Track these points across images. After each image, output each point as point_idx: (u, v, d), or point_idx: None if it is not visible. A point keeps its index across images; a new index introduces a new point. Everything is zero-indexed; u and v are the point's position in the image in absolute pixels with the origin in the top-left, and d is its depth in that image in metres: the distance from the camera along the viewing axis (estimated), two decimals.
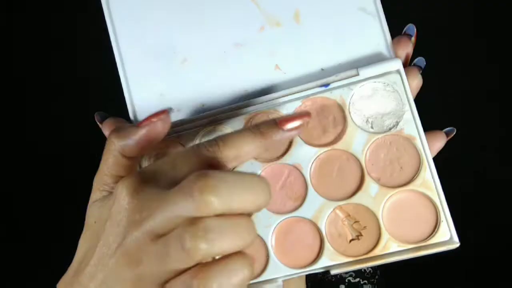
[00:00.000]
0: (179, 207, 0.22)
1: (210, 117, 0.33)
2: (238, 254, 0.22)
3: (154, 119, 0.27)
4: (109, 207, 0.25)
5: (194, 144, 0.26)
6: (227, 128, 0.33)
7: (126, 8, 0.35)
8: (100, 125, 0.34)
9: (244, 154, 0.26)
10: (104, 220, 0.25)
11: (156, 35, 0.35)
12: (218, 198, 0.21)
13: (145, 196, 0.23)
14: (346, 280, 0.52)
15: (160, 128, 0.28)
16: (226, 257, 0.22)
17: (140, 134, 0.27)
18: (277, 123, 0.28)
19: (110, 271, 0.24)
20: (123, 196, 0.24)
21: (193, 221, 0.22)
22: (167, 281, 0.23)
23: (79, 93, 0.61)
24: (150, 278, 0.23)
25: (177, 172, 0.24)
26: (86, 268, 0.25)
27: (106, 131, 0.34)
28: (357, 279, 0.52)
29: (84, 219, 0.28)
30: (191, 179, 0.22)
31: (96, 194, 0.28)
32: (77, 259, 0.27)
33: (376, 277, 0.53)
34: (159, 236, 0.23)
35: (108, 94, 0.43)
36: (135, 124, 0.28)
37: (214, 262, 0.22)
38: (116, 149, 0.27)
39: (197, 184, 0.22)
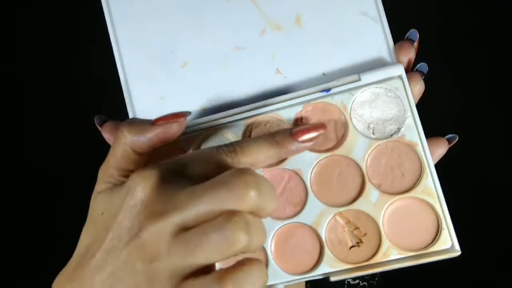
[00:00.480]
0: (219, 199, 0.22)
1: (210, 121, 0.33)
2: (257, 260, 0.23)
3: (171, 120, 0.27)
4: (121, 198, 0.25)
5: (213, 147, 0.26)
6: (228, 132, 0.33)
7: (126, 11, 0.35)
8: (99, 128, 0.34)
9: (259, 162, 0.27)
10: (113, 212, 0.25)
11: (156, 38, 0.35)
12: (257, 195, 0.22)
13: (168, 188, 0.23)
14: (346, 282, 0.52)
15: (175, 129, 0.27)
16: (247, 263, 0.22)
17: (155, 132, 0.27)
18: (293, 133, 0.29)
19: (120, 264, 0.23)
20: (140, 188, 0.24)
21: (235, 214, 0.22)
22: (183, 279, 0.22)
23: (79, 95, 0.60)
24: (166, 273, 0.22)
25: (195, 171, 0.25)
26: (92, 260, 0.24)
27: (105, 134, 0.34)
28: (357, 281, 0.52)
29: (83, 220, 0.28)
30: (234, 173, 0.22)
31: (101, 185, 0.27)
32: (79, 252, 0.26)
33: (376, 279, 0.53)
34: (184, 229, 0.22)
35: (108, 97, 0.43)
36: (150, 121, 0.27)
37: (237, 267, 0.22)
38: (126, 142, 0.27)
39: (242, 178, 0.22)
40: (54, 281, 0.26)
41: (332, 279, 0.31)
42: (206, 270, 0.23)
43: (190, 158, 0.25)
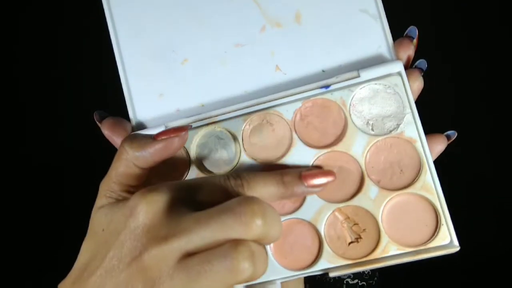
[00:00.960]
0: (225, 227, 0.22)
1: (209, 117, 0.33)
2: None
3: (172, 135, 0.27)
4: (123, 217, 0.25)
5: (220, 176, 0.26)
6: (227, 130, 0.33)
7: (126, 7, 0.35)
8: (99, 124, 0.34)
9: (263, 199, 0.27)
10: (115, 230, 0.25)
11: (156, 35, 0.35)
12: (264, 223, 0.22)
13: (172, 214, 0.23)
14: (345, 282, 0.52)
15: (177, 144, 0.28)
16: None
17: (156, 148, 0.27)
18: (301, 176, 0.29)
19: (120, 285, 0.23)
20: (144, 212, 0.24)
21: (240, 243, 0.22)
22: None
23: (78, 92, 0.60)
24: None
25: (200, 198, 0.25)
26: (91, 277, 0.24)
27: (105, 130, 0.34)
28: (356, 280, 0.52)
29: (84, 223, 0.28)
30: (241, 201, 0.23)
31: (102, 200, 0.27)
32: (79, 266, 0.26)
33: (375, 278, 0.53)
34: (188, 255, 0.22)
35: (108, 94, 0.43)
36: (151, 135, 0.28)
37: None
38: (128, 158, 0.27)
39: (249, 206, 0.22)
40: None
41: (331, 274, 0.31)
42: None
43: (196, 184, 0.26)
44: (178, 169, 0.33)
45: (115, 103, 0.36)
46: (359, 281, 0.52)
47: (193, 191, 0.25)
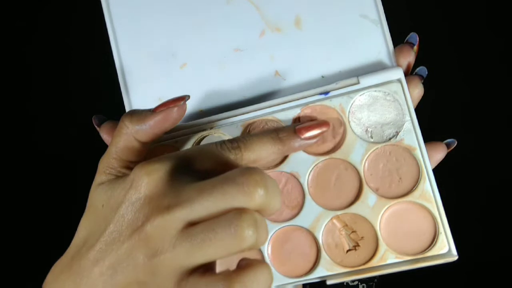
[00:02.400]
0: (228, 196, 0.22)
1: (208, 123, 0.33)
2: (264, 263, 0.23)
3: (171, 105, 0.27)
4: (123, 191, 0.25)
5: (216, 142, 0.26)
6: (225, 135, 0.33)
7: (126, 11, 0.35)
8: (97, 129, 0.34)
9: (262, 158, 0.28)
10: (115, 204, 0.25)
11: (156, 39, 0.35)
12: (265, 193, 0.22)
13: (173, 183, 0.23)
14: (345, 283, 0.52)
15: (176, 114, 0.28)
16: (254, 265, 0.22)
17: (156, 119, 0.27)
18: (296, 130, 0.29)
19: (121, 257, 0.23)
20: (145, 182, 0.23)
21: (244, 211, 0.22)
22: (187, 274, 0.22)
23: (77, 95, 0.60)
24: (169, 267, 0.22)
25: (199, 166, 0.25)
26: (90, 251, 0.24)
27: (104, 135, 0.34)
28: (356, 282, 0.52)
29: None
30: (244, 171, 0.22)
31: (101, 177, 0.27)
32: (77, 242, 0.26)
33: (375, 280, 0.53)
34: (190, 224, 0.22)
35: (107, 98, 0.42)
36: (150, 109, 0.28)
37: (245, 269, 0.22)
38: (129, 132, 0.27)
39: (252, 177, 0.22)
40: (49, 271, 0.26)
41: (329, 282, 0.31)
42: (209, 266, 0.23)
43: (193, 153, 0.25)
44: None
45: (114, 107, 0.36)
46: (359, 283, 0.52)
47: (192, 160, 0.25)
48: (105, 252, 0.24)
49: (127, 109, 0.35)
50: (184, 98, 0.28)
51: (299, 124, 0.30)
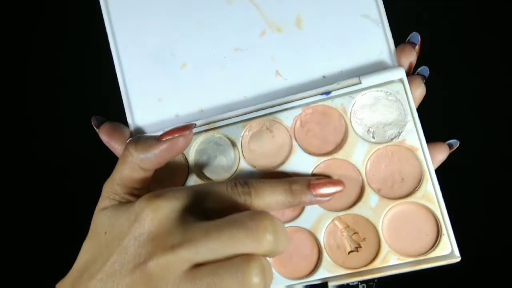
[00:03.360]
0: (237, 241, 0.22)
1: (208, 123, 0.33)
2: None
3: (176, 134, 0.27)
4: (127, 222, 0.24)
5: (227, 183, 0.26)
6: (226, 135, 0.33)
7: (125, 12, 0.34)
8: (97, 130, 0.34)
9: (270, 208, 0.27)
10: (118, 235, 0.24)
11: (155, 39, 0.34)
12: (274, 239, 0.22)
13: (179, 222, 0.23)
14: (345, 283, 0.52)
15: (181, 144, 0.27)
16: None
17: (161, 148, 0.27)
18: (310, 186, 0.29)
19: None
20: (149, 217, 0.23)
21: (253, 257, 0.22)
22: None
23: (77, 96, 0.60)
24: None
25: (207, 206, 0.25)
26: (91, 281, 0.24)
27: (103, 136, 0.34)
28: (356, 282, 0.52)
29: (83, 224, 0.27)
30: (254, 216, 0.22)
31: (105, 202, 0.27)
32: (78, 267, 0.26)
33: (375, 280, 0.52)
34: (194, 266, 0.22)
35: (106, 99, 0.42)
36: (155, 137, 0.27)
37: None
38: (133, 161, 0.27)
39: (262, 222, 0.22)
40: None
41: (331, 284, 0.31)
42: None
43: (202, 191, 0.25)
44: (177, 175, 0.33)
45: (113, 108, 0.36)
46: (360, 283, 0.52)
47: (200, 198, 0.25)
48: (106, 283, 0.23)
49: (127, 111, 0.34)
50: (190, 127, 0.28)
51: (313, 180, 0.29)
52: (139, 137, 0.28)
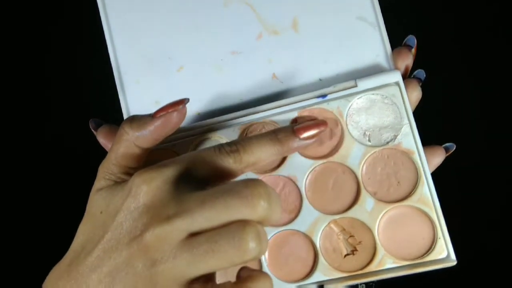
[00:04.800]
0: (232, 208, 0.22)
1: (205, 126, 0.33)
2: (266, 275, 0.23)
3: (170, 110, 0.27)
4: (121, 199, 0.24)
5: (214, 147, 0.26)
6: (223, 138, 0.33)
7: (123, 14, 0.35)
8: (94, 132, 0.34)
9: (261, 161, 0.27)
10: (113, 212, 0.24)
11: (152, 42, 0.34)
12: (268, 206, 0.22)
13: (173, 192, 0.23)
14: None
15: (176, 119, 0.27)
16: (257, 277, 0.23)
17: (155, 125, 0.27)
18: (294, 131, 0.29)
19: (120, 265, 0.23)
20: (143, 190, 0.23)
21: (248, 223, 0.22)
22: (187, 284, 0.22)
23: (74, 99, 0.60)
24: (169, 277, 0.22)
25: (198, 173, 0.25)
26: (87, 258, 0.24)
27: (100, 139, 0.34)
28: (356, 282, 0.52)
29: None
30: (248, 184, 0.23)
31: (100, 182, 0.27)
32: (75, 247, 0.26)
33: (375, 280, 0.52)
34: (191, 234, 0.22)
35: (104, 101, 0.42)
36: (150, 114, 0.27)
37: (248, 281, 0.23)
38: (129, 139, 0.27)
39: (256, 189, 0.22)
40: (46, 277, 0.26)
41: (326, 287, 0.31)
42: (209, 277, 0.23)
43: (191, 159, 0.25)
44: None
45: (111, 111, 0.36)
46: (359, 283, 0.52)
47: (191, 165, 0.25)
48: (103, 260, 0.23)
49: (124, 113, 0.35)
50: (184, 101, 0.28)
51: (297, 125, 0.29)
52: (133, 116, 0.28)
